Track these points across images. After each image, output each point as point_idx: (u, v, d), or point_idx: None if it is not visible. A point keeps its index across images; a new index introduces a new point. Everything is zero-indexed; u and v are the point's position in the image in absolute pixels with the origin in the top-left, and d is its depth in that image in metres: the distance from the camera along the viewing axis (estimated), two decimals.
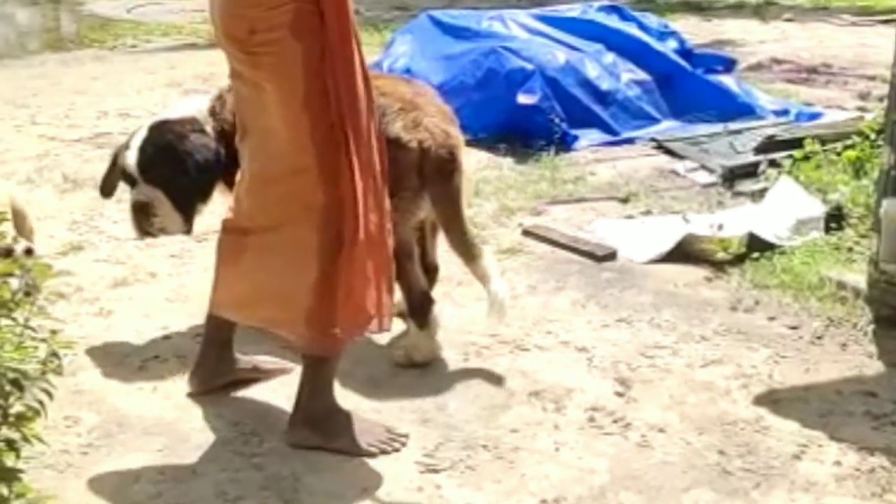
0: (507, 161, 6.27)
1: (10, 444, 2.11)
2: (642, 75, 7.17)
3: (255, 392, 3.75)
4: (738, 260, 4.74)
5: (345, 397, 3.67)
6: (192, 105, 4.04)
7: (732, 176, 5.85)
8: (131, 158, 3.95)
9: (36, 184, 6.00)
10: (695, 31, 9.74)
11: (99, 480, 3.24)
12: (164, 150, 3.90)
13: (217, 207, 3.96)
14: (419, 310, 3.89)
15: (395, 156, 3.55)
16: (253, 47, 3.18)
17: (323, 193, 3.22)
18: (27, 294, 2.20)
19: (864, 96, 7.76)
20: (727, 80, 7.51)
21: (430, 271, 4.10)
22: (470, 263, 3.87)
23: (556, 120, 6.47)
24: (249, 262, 3.39)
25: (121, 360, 3.98)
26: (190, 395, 3.70)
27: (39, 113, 7.60)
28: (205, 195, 3.99)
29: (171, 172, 3.90)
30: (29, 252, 3.79)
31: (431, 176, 3.77)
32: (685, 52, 7.83)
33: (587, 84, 6.86)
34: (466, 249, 3.85)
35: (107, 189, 4.25)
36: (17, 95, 8.16)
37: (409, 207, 3.79)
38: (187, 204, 3.98)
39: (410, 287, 3.87)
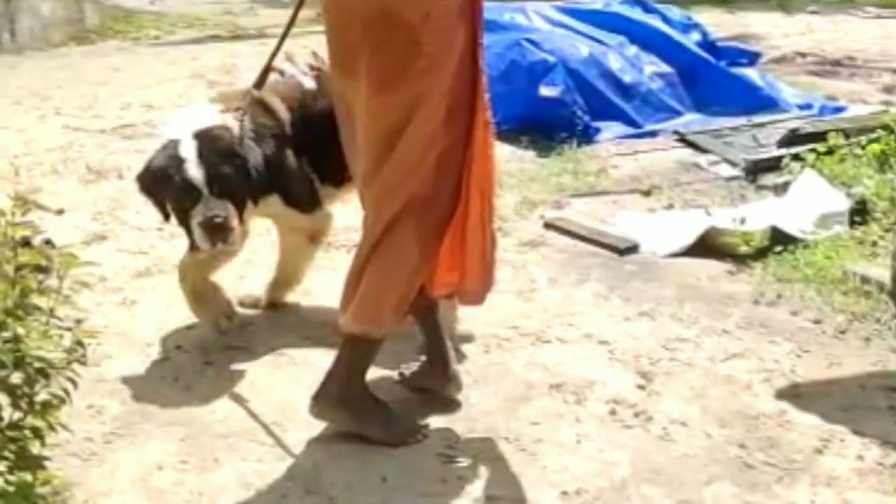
0: (530, 154, 6.26)
1: (36, 432, 2.13)
2: (665, 68, 7.15)
3: (276, 382, 3.77)
4: (761, 254, 4.73)
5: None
6: (208, 117, 3.83)
7: (755, 169, 5.83)
8: (195, 171, 3.65)
9: (60, 174, 6.02)
10: (718, 23, 9.68)
11: (122, 468, 3.27)
12: (230, 157, 3.70)
13: None
14: None
15: None
16: (421, 34, 3.11)
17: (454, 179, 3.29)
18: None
19: (888, 90, 7.72)
20: (751, 73, 7.47)
21: None
22: None
23: (579, 112, 6.45)
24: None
25: (144, 350, 4.00)
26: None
27: (63, 104, 7.63)
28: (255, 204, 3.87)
29: (239, 182, 3.72)
30: (48, 243, 3.77)
31: None
32: (708, 44, 7.80)
33: (610, 76, 6.84)
34: None
35: (167, 216, 3.86)
36: (42, 87, 8.19)
37: None
38: (244, 214, 3.80)
39: None
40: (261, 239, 4.49)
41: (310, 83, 4.11)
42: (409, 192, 3.24)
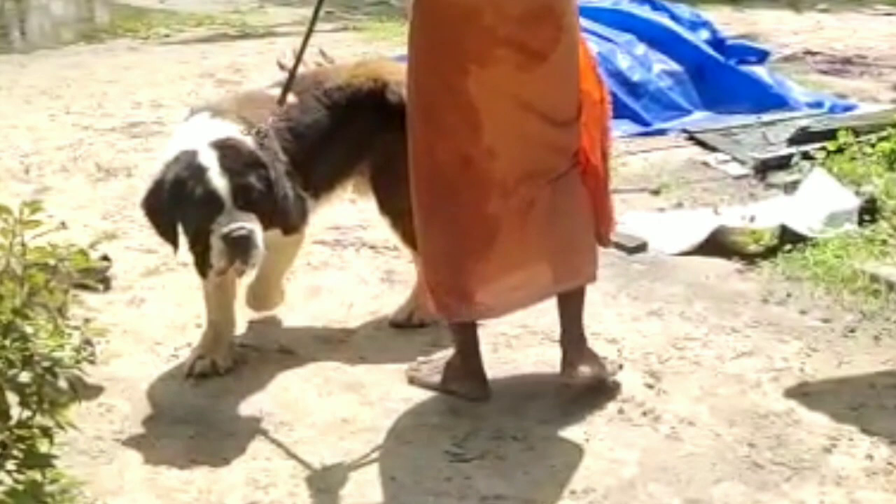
0: None
1: (45, 431, 2.14)
2: (674, 66, 7.14)
3: (285, 381, 3.77)
4: (770, 252, 4.72)
5: (374, 385, 3.70)
6: (224, 129, 3.67)
7: (765, 168, 5.81)
8: (218, 181, 3.48)
9: (70, 172, 6.04)
10: (727, 21, 9.67)
11: (131, 467, 3.28)
12: (255, 167, 3.56)
13: None
14: None
15: None
16: (559, 31, 3.36)
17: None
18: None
19: None
20: (760, 72, 7.45)
21: None
22: None
23: None
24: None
25: (153, 349, 4.01)
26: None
27: (73, 102, 7.65)
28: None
29: (264, 194, 3.56)
30: (105, 258, 3.70)
31: None
32: (717, 42, 7.78)
33: (618, 75, 6.83)
34: None
35: (176, 242, 3.68)
36: (52, 85, 8.21)
37: None
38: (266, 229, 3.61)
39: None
40: None
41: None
42: (573, 147, 3.51)
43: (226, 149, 3.54)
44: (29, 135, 6.81)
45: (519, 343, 4.00)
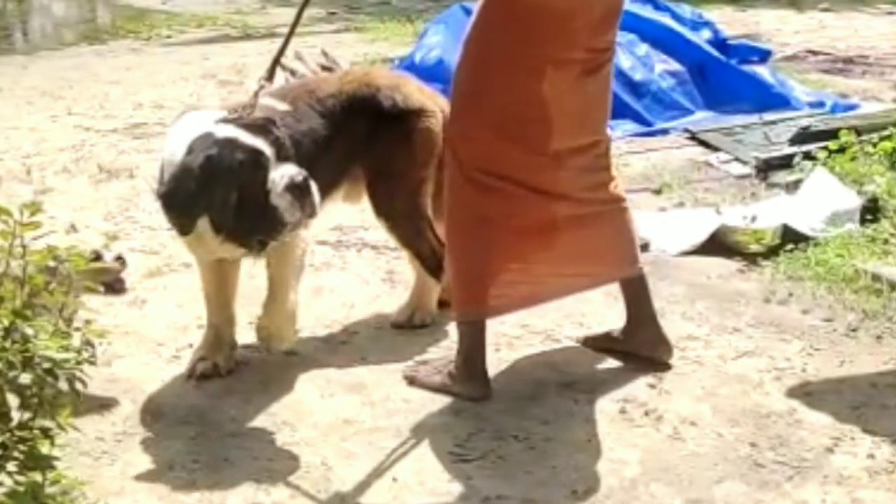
0: None
1: (45, 433, 2.14)
2: (676, 66, 7.13)
3: (287, 382, 3.77)
4: (772, 252, 4.72)
5: (376, 386, 3.70)
6: (217, 115, 3.64)
7: (767, 167, 5.81)
8: (252, 140, 3.44)
9: (72, 174, 6.05)
10: (729, 21, 9.67)
11: (133, 468, 3.28)
12: (269, 128, 3.55)
13: None
14: (439, 266, 4.04)
15: (428, 125, 3.90)
16: (616, 34, 3.55)
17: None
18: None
19: None
20: (762, 71, 7.46)
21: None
22: None
23: None
24: None
25: (155, 349, 4.01)
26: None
27: (75, 104, 7.67)
28: None
29: (289, 147, 3.58)
30: (120, 259, 3.67)
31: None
32: (719, 42, 7.78)
33: (620, 75, 6.79)
34: None
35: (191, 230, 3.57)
36: (54, 86, 8.22)
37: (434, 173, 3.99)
38: None
39: (433, 248, 4.05)
40: None
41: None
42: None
43: (235, 120, 3.52)
44: (31, 136, 6.83)
45: (520, 343, 4.00)
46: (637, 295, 3.82)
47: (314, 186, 3.47)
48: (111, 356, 3.85)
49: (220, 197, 3.41)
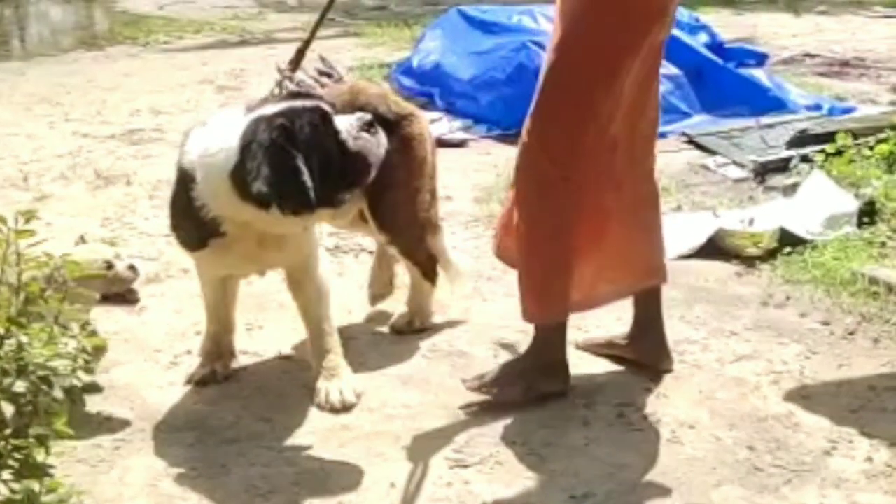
0: None
1: (41, 441, 2.13)
2: (673, 69, 7.12)
3: (285, 387, 3.77)
4: (770, 255, 4.72)
5: (374, 392, 3.69)
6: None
7: (764, 170, 5.82)
8: (312, 99, 3.43)
9: (69, 180, 6.05)
10: (726, 24, 9.68)
11: (131, 475, 3.27)
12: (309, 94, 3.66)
13: None
14: (435, 270, 4.11)
15: (420, 130, 3.94)
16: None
17: None
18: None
19: None
20: (759, 74, 7.47)
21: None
22: None
23: None
24: None
25: (153, 356, 4.01)
26: None
27: (72, 110, 7.67)
28: None
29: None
30: (132, 269, 3.62)
31: None
32: (716, 45, 7.80)
33: None
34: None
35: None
36: (51, 93, 8.22)
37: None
38: None
39: (429, 254, 4.09)
40: None
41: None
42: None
43: (276, 95, 3.51)
44: (28, 142, 6.82)
45: (520, 348, 3.99)
46: (649, 302, 3.83)
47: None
48: (109, 362, 3.85)
49: (317, 161, 3.25)
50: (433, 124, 6.33)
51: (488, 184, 5.81)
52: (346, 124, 3.35)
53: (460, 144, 6.59)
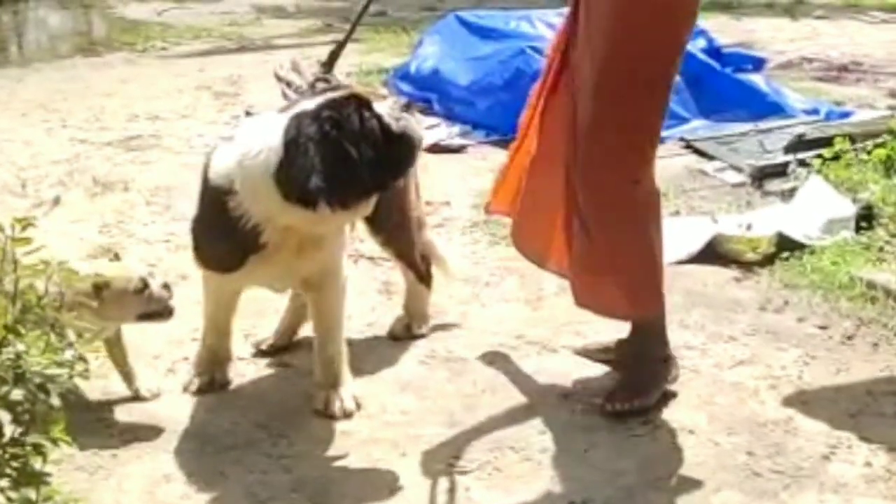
0: None
1: (37, 448, 2.13)
2: None
3: (283, 394, 3.77)
4: (768, 260, 4.72)
5: (372, 398, 3.69)
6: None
7: (762, 175, 5.81)
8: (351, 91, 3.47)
9: (67, 186, 6.03)
10: (724, 29, 9.67)
11: (129, 482, 3.27)
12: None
13: None
14: (430, 272, 4.14)
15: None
16: None
17: None
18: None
19: (895, 94, 7.70)
20: (756, 79, 7.45)
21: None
22: None
23: None
24: None
25: (151, 363, 4.00)
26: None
27: (70, 116, 7.65)
28: None
29: None
30: (166, 287, 3.56)
31: None
32: (714, 50, 7.78)
33: None
34: None
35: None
36: (48, 99, 8.21)
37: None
38: None
39: (422, 255, 4.11)
40: None
41: None
42: None
43: (310, 90, 3.57)
44: (25, 149, 6.81)
45: (517, 354, 4.00)
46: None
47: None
48: (107, 369, 3.84)
49: (366, 149, 3.22)
50: (431, 130, 6.35)
51: (486, 189, 5.78)
52: (385, 108, 3.30)
53: (458, 150, 6.58)
